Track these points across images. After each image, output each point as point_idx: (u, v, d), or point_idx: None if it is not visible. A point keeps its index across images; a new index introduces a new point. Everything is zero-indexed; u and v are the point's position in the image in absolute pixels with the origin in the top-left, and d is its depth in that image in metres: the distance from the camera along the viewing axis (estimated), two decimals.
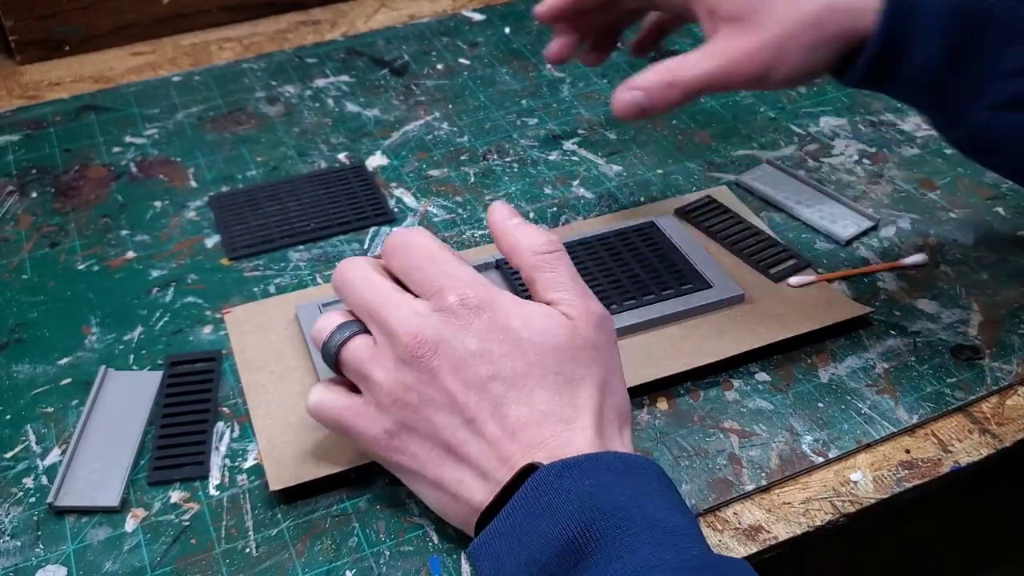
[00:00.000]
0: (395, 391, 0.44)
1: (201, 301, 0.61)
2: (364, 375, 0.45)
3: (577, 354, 0.44)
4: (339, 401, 0.46)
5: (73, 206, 0.70)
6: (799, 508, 0.49)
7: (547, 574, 0.38)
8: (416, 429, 0.44)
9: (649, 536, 0.38)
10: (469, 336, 0.43)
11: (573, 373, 0.44)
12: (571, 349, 0.44)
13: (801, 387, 0.55)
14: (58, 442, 0.53)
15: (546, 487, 0.40)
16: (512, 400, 0.43)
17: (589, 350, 0.44)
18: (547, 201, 0.69)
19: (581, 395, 0.44)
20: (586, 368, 0.44)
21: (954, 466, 0.51)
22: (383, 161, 0.74)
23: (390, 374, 0.44)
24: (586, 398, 0.44)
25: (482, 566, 0.41)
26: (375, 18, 0.93)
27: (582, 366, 0.44)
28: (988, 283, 0.61)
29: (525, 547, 0.39)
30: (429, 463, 0.44)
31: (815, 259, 0.63)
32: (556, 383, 0.43)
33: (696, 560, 0.38)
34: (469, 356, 0.43)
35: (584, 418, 0.43)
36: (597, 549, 0.38)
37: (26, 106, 0.81)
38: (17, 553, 0.47)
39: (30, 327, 0.60)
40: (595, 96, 0.81)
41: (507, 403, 0.43)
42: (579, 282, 0.46)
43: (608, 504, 0.39)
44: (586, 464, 0.40)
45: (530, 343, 0.43)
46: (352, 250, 0.65)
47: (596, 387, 0.44)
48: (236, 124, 0.78)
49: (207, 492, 0.50)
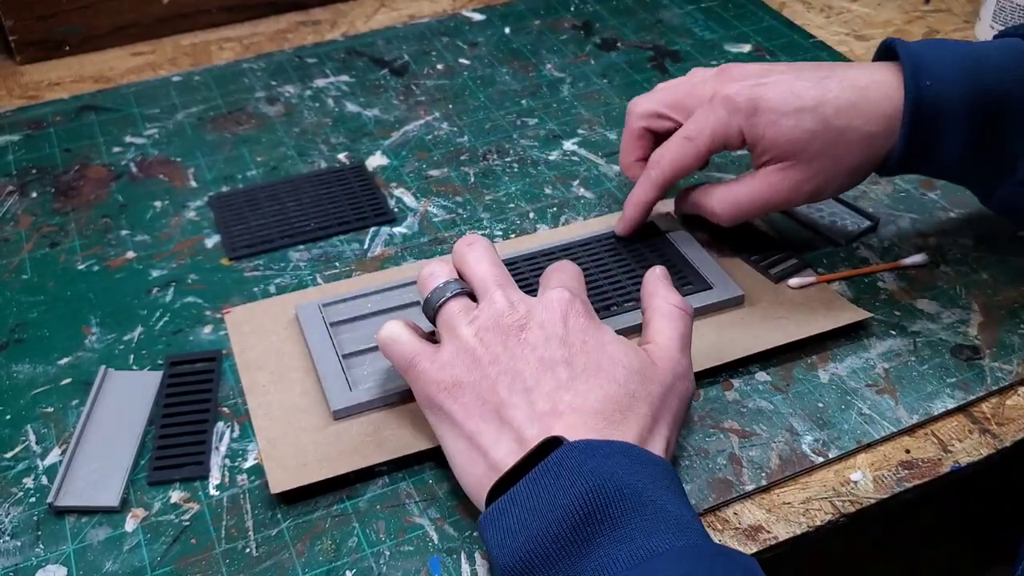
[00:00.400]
0: (476, 349, 0.47)
1: (201, 301, 0.61)
2: (453, 327, 0.48)
3: (647, 384, 0.46)
4: (413, 342, 0.49)
5: (73, 206, 0.70)
6: (799, 508, 0.49)
7: (558, 546, 0.39)
8: (477, 385, 0.46)
9: (664, 523, 0.39)
10: (560, 324, 0.47)
11: (636, 393, 0.46)
12: (643, 378, 0.46)
13: (801, 387, 0.55)
14: (58, 442, 0.53)
15: (568, 462, 0.41)
16: (572, 388, 0.45)
17: (658, 386, 0.46)
18: (547, 201, 0.69)
19: (635, 410, 0.45)
20: (648, 397, 0.46)
21: (954, 466, 0.51)
22: (383, 161, 0.74)
23: (478, 332, 0.47)
24: (639, 416, 0.45)
25: (491, 536, 0.41)
26: (375, 18, 0.93)
27: (645, 393, 0.46)
28: (988, 283, 0.61)
29: (538, 517, 0.40)
30: (474, 416, 0.46)
31: (815, 259, 0.63)
32: (616, 393, 0.45)
33: (709, 548, 0.39)
34: (554, 338, 0.46)
35: (630, 427, 0.44)
36: (612, 528, 0.39)
37: (26, 106, 0.81)
38: (17, 553, 0.47)
39: (30, 327, 0.60)
40: (595, 96, 0.81)
41: (566, 389, 0.45)
42: (687, 342, 0.49)
43: (628, 487, 0.40)
44: (608, 448, 0.42)
45: (608, 355, 0.46)
46: (352, 250, 0.65)
47: (651, 412, 0.46)
48: (236, 124, 0.78)
49: (207, 492, 0.50)
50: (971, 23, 0.88)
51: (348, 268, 0.64)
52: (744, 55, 0.85)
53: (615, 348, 0.47)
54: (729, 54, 0.85)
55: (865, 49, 0.84)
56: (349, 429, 0.52)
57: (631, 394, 0.45)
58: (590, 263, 0.61)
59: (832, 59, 0.84)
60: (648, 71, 0.83)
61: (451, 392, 0.47)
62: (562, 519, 0.39)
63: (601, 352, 0.46)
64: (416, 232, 0.67)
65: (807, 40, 0.87)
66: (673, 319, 0.50)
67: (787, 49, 0.86)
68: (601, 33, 0.89)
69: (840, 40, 0.86)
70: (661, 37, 0.88)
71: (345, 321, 0.58)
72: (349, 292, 0.60)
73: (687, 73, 0.62)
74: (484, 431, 0.45)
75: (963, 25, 0.89)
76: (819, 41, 0.86)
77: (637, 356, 0.47)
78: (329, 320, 0.57)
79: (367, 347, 0.56)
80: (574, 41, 0.88)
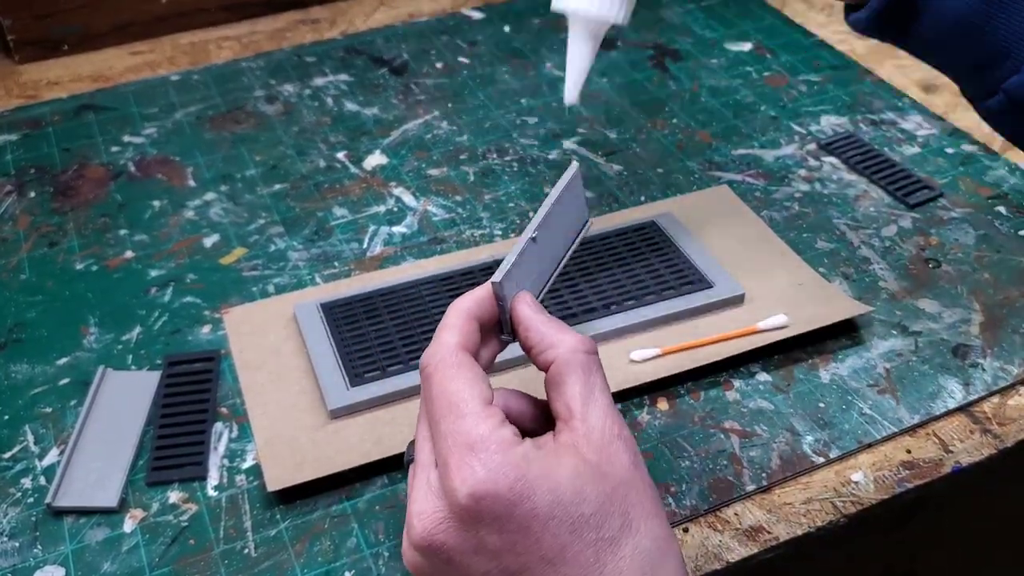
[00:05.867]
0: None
1: (200, 301, 0.61)
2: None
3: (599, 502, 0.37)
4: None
5: (72, 206, 0.69)
6: (800, 508, 0.49)
7: None
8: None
9: None
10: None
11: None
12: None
13: (802, 387, 0.55)
14: (56, 442, 0.53)
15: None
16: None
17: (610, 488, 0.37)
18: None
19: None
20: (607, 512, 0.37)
21: (955, 466, 0.51)
22: (382, 160, 0.74)
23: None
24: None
25: None
26: (374, 17, 0.93)
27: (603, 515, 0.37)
28: (989, 283, 0.61)
29: None
30: None
31: (815, 259, 0.63)
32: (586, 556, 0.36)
33: None
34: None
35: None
36: None
37: (24, 106, 0.81)
38: (15, 554, 0.47)
39: (28, 327, 0.60)
40: (595, 96, 0.80)
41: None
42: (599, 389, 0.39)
43: None
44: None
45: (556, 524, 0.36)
46: (351, 249, 0.65)
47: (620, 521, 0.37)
48: (235, 123, 0.78)
49: (205, 492, 0.50)
50: None
51: (347, 267, 0.64)
52: (744, 53, 0.85)
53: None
54: (729, 52, 0.85)
55: (866, 48, 0.84)
56: (346, 428, 0.52)
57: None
58: (590, 263, 0.61)
59: (833, 58, 0.84)
60: (648, 70, 0.83)
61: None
62: None
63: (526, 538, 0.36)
64: (415, 231, 0.66)
65: (808, 38, 0.86)
66: (587, 369, 0.39)
67: (787, 48, 0.85)
68: None
69: (841, 39, 0.86)
70: (661, 36, 0.88)
71: (344, 321, 0.57)
72: (348, 291, 0.59)
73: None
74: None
75: None
76: (820, 40, 0.86)
77: (583, 485, 0.37)
78: (327, 320, 0.57)
79: (366, 347, 0.55)
80: None
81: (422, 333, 0.56)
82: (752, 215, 0.66)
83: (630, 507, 0.37)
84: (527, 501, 0.35)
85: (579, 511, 0.36)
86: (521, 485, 0.36)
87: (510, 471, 0.36)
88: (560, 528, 0.36)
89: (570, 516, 0.36)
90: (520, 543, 0.36)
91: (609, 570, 0.35)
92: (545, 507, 0.36)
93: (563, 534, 0.36)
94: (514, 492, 0.36)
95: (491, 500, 0.35)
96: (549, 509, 0.36)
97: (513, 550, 0.36)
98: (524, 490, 0.36)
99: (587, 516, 0.36)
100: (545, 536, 0.36)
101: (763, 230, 0.65)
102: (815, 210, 0.67)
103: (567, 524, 0.36)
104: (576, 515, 0.36)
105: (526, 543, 0.36)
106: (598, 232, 0.63)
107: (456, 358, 0.39)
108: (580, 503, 0.36)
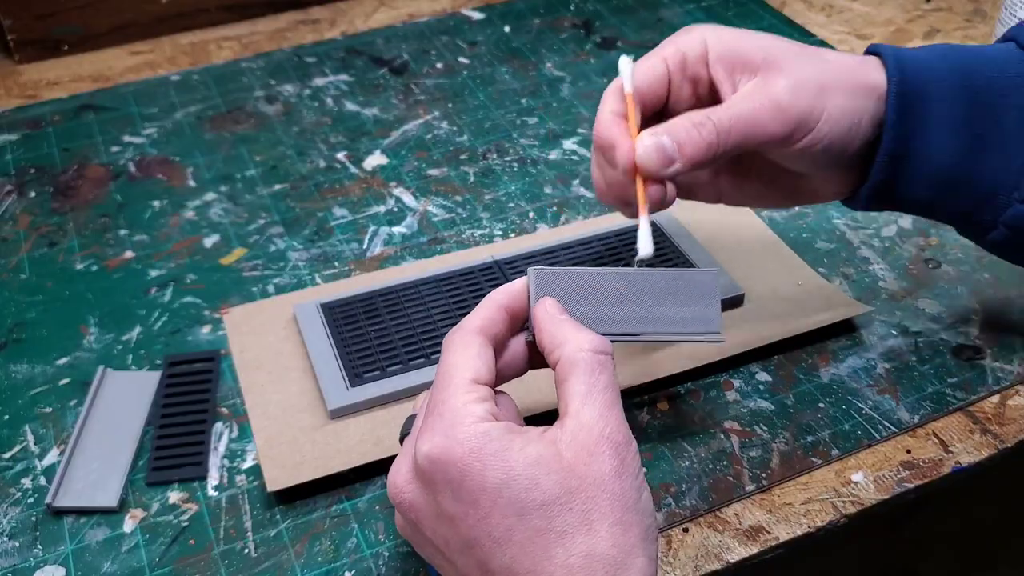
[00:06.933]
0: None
1: (200, 301, 0.61)
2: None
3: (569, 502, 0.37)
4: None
5: (72, 206, 0.69)
6: (800, 509, 0.49)
7: None
8: (422, 545, 0.42)
9: None
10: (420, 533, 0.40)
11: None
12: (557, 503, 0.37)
13: (802, 387, 0.55)
14: (56, 442, 0.53)
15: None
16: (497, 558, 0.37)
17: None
18: (547, 201, 0.69)
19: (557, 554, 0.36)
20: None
21: (955, 466, 0.51)
22: (382, 160, 0.74)
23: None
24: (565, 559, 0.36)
25: None
26: (374, 17, 0.93)
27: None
28: (989, 283, 0.61)
29: None
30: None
31: (815, 259, 0.63)
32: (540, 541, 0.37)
33: None
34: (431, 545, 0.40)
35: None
36: None
37: (24, 105, 0.81)
38: (15, 554, 0.47)
39: (28, 327, 0.60)
40: (595, 96, 0.80)
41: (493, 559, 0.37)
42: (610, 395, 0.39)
43: None
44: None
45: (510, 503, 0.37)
46: (351, 249, 0.65)
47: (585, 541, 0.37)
48: (235, 123, 0.78)
49: (206, 492, 0.50)
50: (972, 22, 0.88)
51: (347, 268, 0.64)
52: None
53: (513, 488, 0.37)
54: None
55: (866, 47, 0.84)
56: (346, 428, 0.52)
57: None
58: (590, 263, 0.61)
59: None
60: None
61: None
62: None
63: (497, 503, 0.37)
64: (415, 232, 0.66)
65: (808, 39, 0.86)
66: (591, 368, 0.39)
67: None
68: (601, 32, 0.89)
69: (841, 39, 0.86)
70: (662, 36, 0.88)
71: (344, 321, 0.57)
72: (348, 292, 0.59)
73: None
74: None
75: (964, 24, 0.89)
76: (820, 40, 0.86)
77: (544, 474, 0.37)
78: (327, 320, 0.57)
79: (366, 347, 0.55)
80: (574, 40, 0.88)
81: (422, 333, 0.56)
82: (752, 215, 0.66)
83: (594, 509, 0.37)
84: (477, 475, 0.37)
85: (529, 496, 0.36)
86: (473, 458, 0.37)
87: (467, 442, 0.37)
88: (508, 509, 0.36)
89: (519, 499, 0.36)
90: (471, 515, 0.37)
91: (558, 563, 0.36)
92: (494, 484, 0.37)
93: (510, 515, 0.37)
94: (464, 463, 0.37)
95: (443, 465, 0.37)
96: (497, 488, 0.37)
97: (465, 521, 0.37)
98: (475, 464, 0.37)
99: (537, 503, 0.36)
100: (493, 514, 0.37)
101: (763, 230, 0.65)
102: (815, 210, 0.67)
103: (515, 506, 0.36)
104: (526, 500, 0.36)
105: (476, 515, 0.37)
106: (598, 232, 0.63)
107: (466, 337, 0.41)
108: (531, 489, 0.36)
